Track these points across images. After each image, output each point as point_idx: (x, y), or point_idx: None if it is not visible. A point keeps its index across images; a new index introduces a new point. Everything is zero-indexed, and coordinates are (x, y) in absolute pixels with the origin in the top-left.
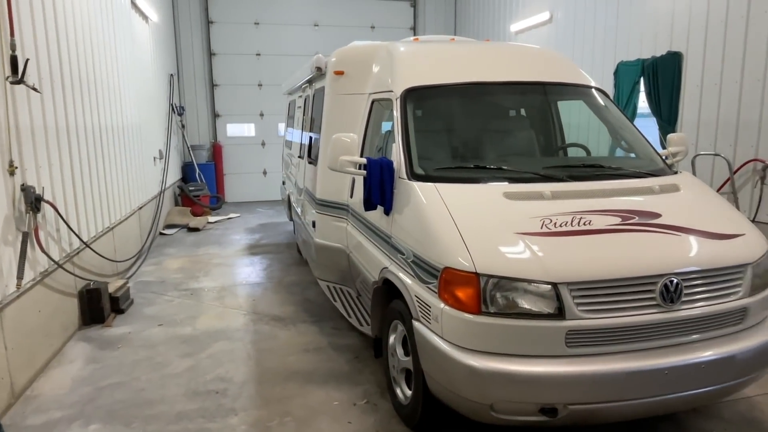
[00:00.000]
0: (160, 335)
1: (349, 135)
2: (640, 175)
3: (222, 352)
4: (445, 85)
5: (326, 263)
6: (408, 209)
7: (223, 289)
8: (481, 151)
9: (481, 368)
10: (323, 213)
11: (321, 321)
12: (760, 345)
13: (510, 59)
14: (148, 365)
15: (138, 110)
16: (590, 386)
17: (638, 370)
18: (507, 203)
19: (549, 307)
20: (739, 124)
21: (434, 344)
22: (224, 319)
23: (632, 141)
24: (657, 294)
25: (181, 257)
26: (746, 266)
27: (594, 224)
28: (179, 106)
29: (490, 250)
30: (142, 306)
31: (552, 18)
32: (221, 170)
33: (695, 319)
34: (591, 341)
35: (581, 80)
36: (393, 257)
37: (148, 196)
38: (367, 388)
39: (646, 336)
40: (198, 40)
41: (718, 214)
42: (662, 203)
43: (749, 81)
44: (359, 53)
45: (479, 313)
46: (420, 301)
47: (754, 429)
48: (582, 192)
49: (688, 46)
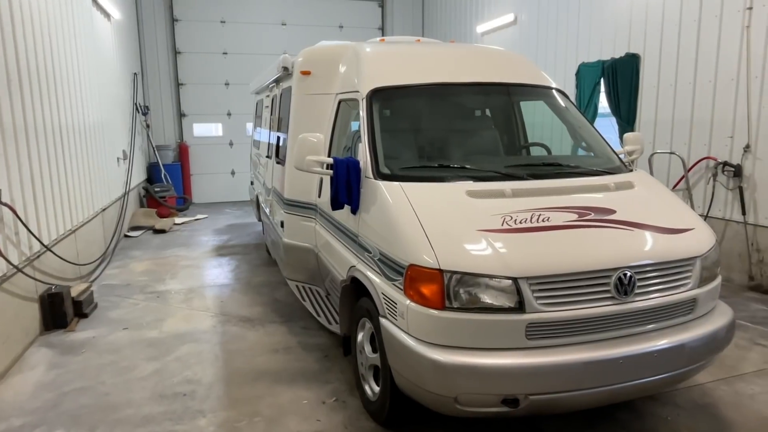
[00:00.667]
0: (125, 339)
1: (315, 135)
2: (597, 173)
3: (189, 355)
4: (411, 85)
5: (295, 263)
6: (374, 208)
7: (191, 291)
8: (446, 150)
9: (445, 362)
10: (291, 213)
11: (290, 321)
12: (708, 333)
13: (474, 60)
14: (113, 369)
15: (100, 109)
16: (550, 376)
17: (595, 360)
18: (470, 201)
19: (510, 301)
20: (692, 123)
21: (400, 340)
22: (191, 322)
23: (590, 140)
24: (612, 287)
25: (146, 260)
26: (695, 259)
27: (552, 221)
28: (143, 106)
29: (454, 247)
30: (107, 310)
31: (516, 20)
32: (188, 171)
33: (648, 310)
34: (550, 333)
35: (542, 81)
36: (360, 256)
37: (112, 197)
38: (336, 386)
39: (601, 327)
40: (162, 38)
41: (669, 210)
42: (617, 200)
43: (701, 82)
44: (326, 53)
45: (443, 309)
46: (387, 298)
47: (706, 414)
48: (541, 190)
49: (645, 48)
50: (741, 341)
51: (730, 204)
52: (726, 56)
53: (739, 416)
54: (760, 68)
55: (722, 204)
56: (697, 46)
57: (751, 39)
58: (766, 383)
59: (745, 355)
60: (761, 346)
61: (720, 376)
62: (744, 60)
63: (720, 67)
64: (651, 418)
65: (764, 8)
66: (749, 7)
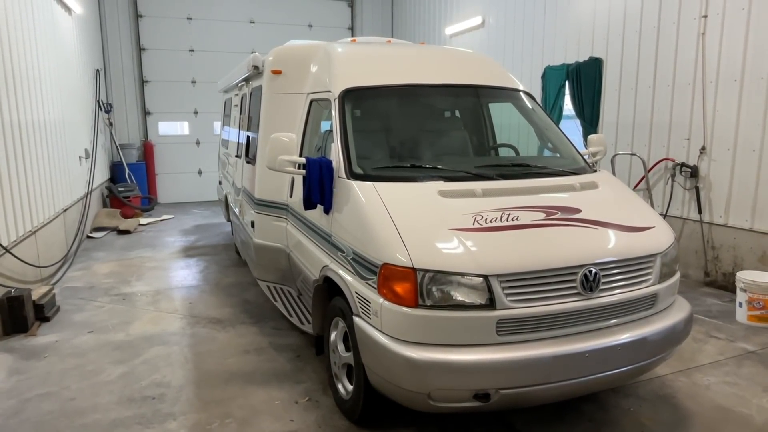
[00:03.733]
0: (90, 342)
1: (287, 134)
2: (564, 174)
3: (158, 357)
4: (383, 86)
5: (266, 263)
6: (347, 208)
7: (158, 293)
8: (418, 150)
9: (418, 359)
10: (262, 213)
11: (261, 322)
12: (668, 327)
13: (444, 62)
14: (78, 374)
15: (61, 106)
16: (520, 371)
17: (562, 354)
18: (441, 201)
19: (481, 298)
20: (652, 126)
21: (374, 338)
22: (159, 324)
23: (556, 141)
24: (578, 283)
25: (111, 261)
26: (656, 256)
27: (521, 219)
28: (106, 103)
29: (426, 246)
30: (70, 313)
31: (484, 23)
32: (153, 170)
33: (612, 306)
34: (519, 329)
35: (510, 84)
36: (333, 255)
37: (74, 197)
38: (309, 385)
39: (568, 322)
40: (126, 34)
41: (631, 209)
42: (582, 199)
43: (661, 86)
44: (297, 53)
45: (416, 307)
46: (360, 297)
47: (666, 404)
48: (510, 189)
49: (607, 52)
50: (697, 334)
51: (687, 203)
52: (683, 61)
53: (696, 405)
54: (714, 73)
55: (680, 203)
56: (657, 52)
57: (706, 45)
58: (721, 374)
59: (701, 348)
60: (716, 339)
61: (678, 368)
62: (700, 65)
63: (678, 71)
64: (615, 410)
65: (717, 16)
66: (704, 15)
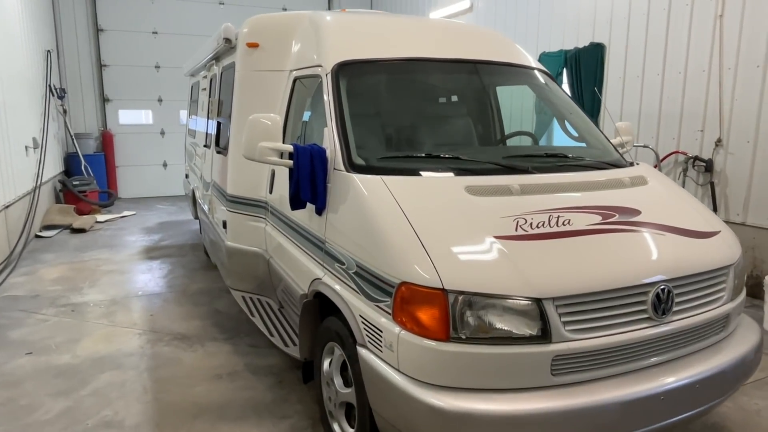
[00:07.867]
0: (27, 367)
1: (270, 116)
2: (606, 167)
3: (109, 386)
4: (385, 60)
5: (240, 270)
6: (347, 208)
7: (114, 302)
8: (431, 136)
9: (449, 409)
10: (236, 211)
11: (235, 337)
12: (743, 354)
13: (455, 35)
14: (7, 411)
15: (2, 90)
16: (581, 422)
17: (634, 399)
18: (470, 199)
19: (532, 328)
20: (660, 116)
21: (387, 378)
22: (114, 342)
23: (584, 129)
24: (648, 305)
25: (61, 264)
26: (729, 267)
27: (574, 224)
28: (59, 88)
29: (458, 260)
30: (7, 329)
31: (472, 7)
32: (113, 162)
33: (686, 332)
34: (579, 366)
35: (528, 62)
36: (328, 266)
37: (19, 192)
38: (295, 421)
39: (637, 355)
40: (82, 13)
41: (690, 209)
42: (637, 198)
43: (671, 74)
44: (277, 22)
45: (447, 340)
46: (367, 324)
47: None
48: (552, 185)
49: (610, 37)
50: None
51: (700, 200)
52: (697, 46)
53: None
54: (733, 59)
55: None
56: (667, 36)
57: (724, 28)
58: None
59: None
60: None
61: None
62: (717, 50)
63: (690, 57)
64: None
65: None
66: None
